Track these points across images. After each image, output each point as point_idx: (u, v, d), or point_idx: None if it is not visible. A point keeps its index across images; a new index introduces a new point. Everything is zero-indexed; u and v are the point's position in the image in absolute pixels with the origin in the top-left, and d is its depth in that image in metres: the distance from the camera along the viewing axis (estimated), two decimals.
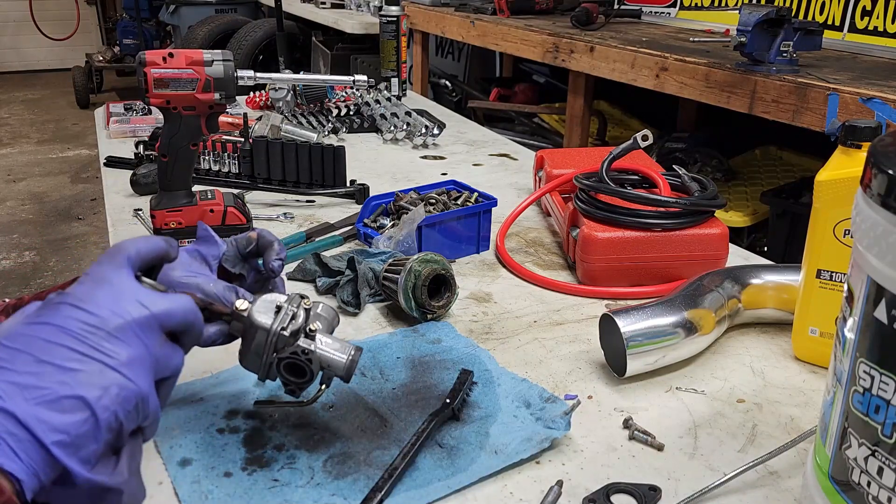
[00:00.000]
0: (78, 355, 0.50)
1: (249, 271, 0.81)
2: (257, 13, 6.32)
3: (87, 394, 0.49)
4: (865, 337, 0.53)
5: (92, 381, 0.50)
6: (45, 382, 0.48)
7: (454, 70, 4.46)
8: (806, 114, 1.63)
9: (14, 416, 0.46)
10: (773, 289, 0.95)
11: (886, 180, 0.49)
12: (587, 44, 2.29)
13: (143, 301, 0.55)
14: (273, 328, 0.66)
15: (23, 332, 0.50)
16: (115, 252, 0.57)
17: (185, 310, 0.58)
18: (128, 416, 0.51)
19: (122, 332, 0.52)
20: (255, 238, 0.79)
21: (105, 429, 0.50)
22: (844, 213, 0.80)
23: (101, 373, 0.50)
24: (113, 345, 0.52)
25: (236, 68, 1.05)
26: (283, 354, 0.67)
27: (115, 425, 0.50)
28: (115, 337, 0.52)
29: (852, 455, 0.54)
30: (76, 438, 0.48)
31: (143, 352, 0.53)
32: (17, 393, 0.47)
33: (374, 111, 1.96)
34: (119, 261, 0.57)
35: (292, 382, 0.69)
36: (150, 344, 0.54)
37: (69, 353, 0.50)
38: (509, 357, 0.90)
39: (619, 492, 0.68)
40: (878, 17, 2.02)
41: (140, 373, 0.52)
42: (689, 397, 0.83)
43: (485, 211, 1.20)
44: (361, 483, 0.68)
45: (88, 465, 0.49)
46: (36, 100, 7.21)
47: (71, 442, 0.48)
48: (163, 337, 0.56)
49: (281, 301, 0.68)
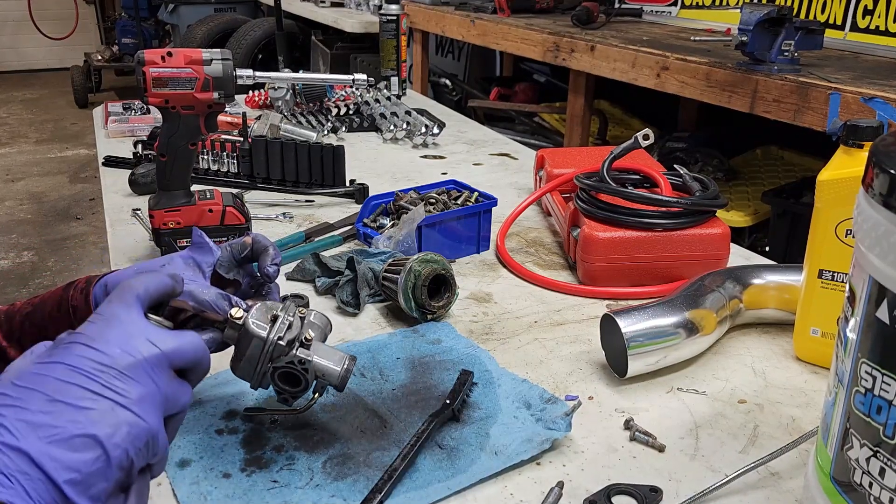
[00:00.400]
0: (90, 394, 0.50)
1: (244, 277, 0.80)
2: (256, 12, 6.31)
3: (99, 432, 0.49)
4: (867, 337, 0.52)
5: (104, 420, 0.50)
6: (58, 421, 0.49)
7: (454, 69, 4.45)
8: (807, 113, 1.63)
9: (28, 455, 0.47)
10: (775, 289, 0.95)
11: (888, 180, 0.49)
12: (588, 43, 2.28)
13: (153, 339, 0.56)
14: (270, 338, 0.66)
15: (35, 372, 0.51)
16: (125, 291, 0.58)
17: (194, 347, 0.58)
18: (138, 454, 0.52)
19: (134, 370, 0.53)
20: (249, 243, 0.79)
21: (116, 467, 0.50)
22: (846, 213, 0.80)
23: (112, 411, 0.51)
24: (124, 383, 0.52)
25: (235, 67, 1.04)
26: (278, 364, 0.67)
27: (125, 463, 0.51)
28: (126, 375, 0.53)
29: (854, 456, 0.54)
30: (87, 477, 0.49)
31: (153, 390, 0.54)
32: (31, 432, 0.48)
33: (373, 110, 1.96)
34: (128, 300, 0.57)
35: (286, 391, 0.69)
36: (160, 382, 0.55)
37: (81, 391, 0.50)
38: (510, 357, 0.90)
39: (620, 493, 0.67)
40: (880, 16, 2.02)
41: (150, 410, 0.53)
42: (690, 398, 0.83)
43: (485, 211, 1.19)
44: (361, 484, 0.67)
45: (98, 503, 0.50)
46: (34, 99, 7.21)
47: (82, 480, 0.48)
48: (172, 374, 0.56)
49: (277, 310, 0.68)
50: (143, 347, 0.55)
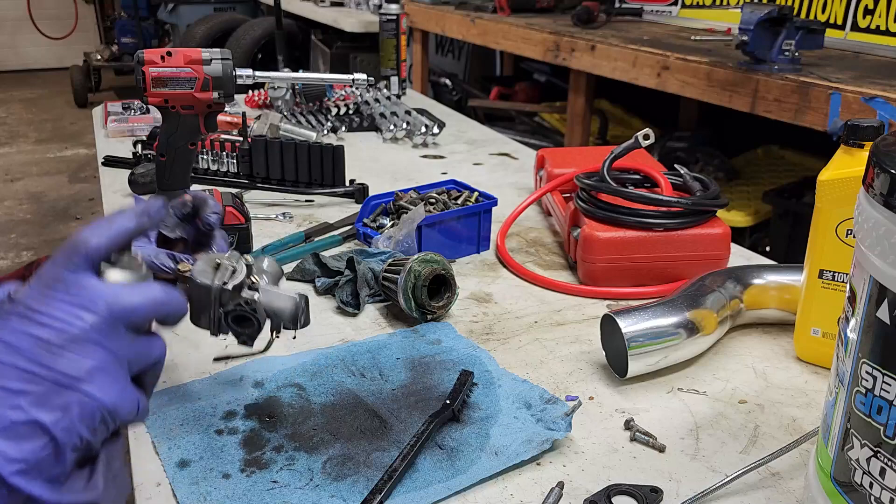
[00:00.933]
0: (29, 376, 0.46)
1: (191, 232, 0.80)
2: (256, 11, 6.31)
3: (44, 417, 0.46)
4: (868, 337, 0.52)
5: (49, 402, 0.46)
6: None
7: (454, 69, 4.45)
8: (808, 113, 1.63)
9: None
10: (775, 289, 0.95)
11: (889, 180, 0.49)
12: (588, 42, 2.28)
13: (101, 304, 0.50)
14: (215, 284, 0.68)
15: None
16: (71, 250, 0.52)
17: (148, 301, 0.53)
18: (94, 432, 0.48)
19: (79, 343, 0.48)
20: (189, 200, 0.78)
21: (70, 450, 0.47)
22: (847, 213, 0.80)
23: (57, 393, 0.47)
24: (69, 360, 0.48)
25: (235, 67, 1.04)
26: (227, 308, 0.69)
27: (80, 445, 0.47)
28: (70, 351, 0.48)
29: (854, 456, 0.54)
30: (37, 465, 0.45)
31: (105, 358, 0.49)
32: None
33: (373, 110, 1.96)
34: (75, 261, 0.51)
35: (243, 333, 0.71)
36: (115, 347, 0.50)
37: (20, 374, 0.46)
38: (510, 358, 0.90)
39: (621, 493, 0.67)
40: (881, 15, 2.02)
41: (104, 383, 0.49)
42: (690, 398, 0.83)
43: (485, 210, 1.19)
44: (361, 485, 0.67)
45: (56, 485, 0.46)
46: (34, 99, 7.20)
47: (31, 468, 0.45)
48: (130, 334, 0.52)
49: (222, 258, 0.70)
50: (88, 316, 0.49)
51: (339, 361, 0.87)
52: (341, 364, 0.86)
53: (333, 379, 0.83)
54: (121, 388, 0.50)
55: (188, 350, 0.88)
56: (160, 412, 0.77)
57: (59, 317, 0.49)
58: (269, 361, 0.86)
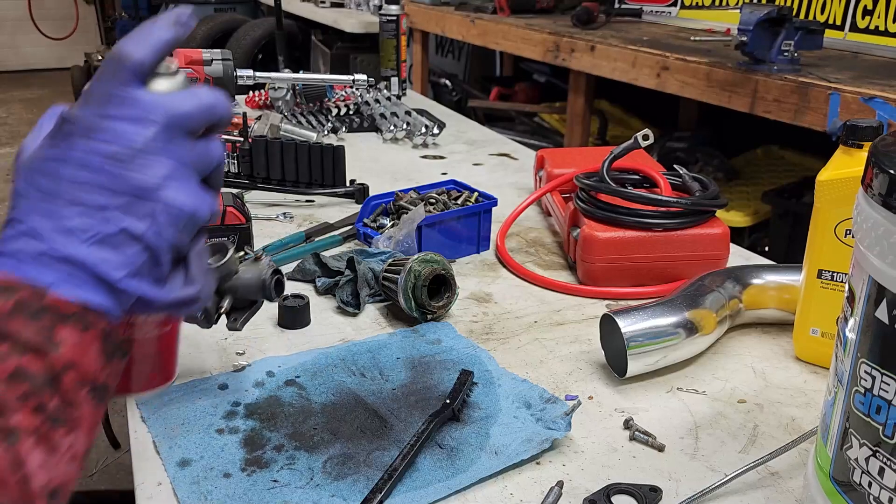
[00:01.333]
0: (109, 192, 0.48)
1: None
2: (256, 12, 6.31)
3: (134, 226, 0.48)
4: (866, 337, 0.53)
5: (135, 212, 0.49)
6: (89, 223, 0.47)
7: (454, 69, 4.45)
8: (807, 113, 1.63)
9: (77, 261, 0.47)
10: (775, 289, 0.95)
11: (888, 180, 0.49)
12: (588, 43, 2.29)
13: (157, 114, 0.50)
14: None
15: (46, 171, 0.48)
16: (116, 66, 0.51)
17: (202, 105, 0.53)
18: (180, 235, 0.51)
19: (146, 155, 0.49)
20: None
21: (164, 253, 0.50)
22: (846, 213, 0.80)
23: (140, 203, 0.49)
24: (142, 172, 0.49)
25: (235, 67, 1.05)
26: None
27: (170, 247, 0.50)
28: (140, 163, 0.49)
29: (853, 455, 0.54)
30: (140, 269, 0.49)
31: (174, 165, 0.51)
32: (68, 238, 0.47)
33: (373, 110, 1.96)
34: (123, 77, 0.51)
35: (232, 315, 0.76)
36: (179, 154, 0.51)
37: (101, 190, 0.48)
38: (510, 357, 0.90)
39: (620, 492, 0.67)
40: (880, 16, 2.02)
41: (179, 189, 0.50)
42: (689, 398, 0.83)
43: (485, 211, 1.19)
44: (361, 484, 0.67)
45: (161, 285, 0.50)
46: (34, 99, 7.20)
47: (136, 272, 0.48)
48: (190, 140, 0.52)
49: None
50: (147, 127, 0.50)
51: (339, 361, 0.87)
52: (341, 364, 0.86)
53: (334, 378, 0.83)
54: (195, 191, 0.52)
55: (188, 350, 0.89)
56: (161, 412, 0.77)
57: (121, 132, 0.49)
58: (270, 361, 0.87)
